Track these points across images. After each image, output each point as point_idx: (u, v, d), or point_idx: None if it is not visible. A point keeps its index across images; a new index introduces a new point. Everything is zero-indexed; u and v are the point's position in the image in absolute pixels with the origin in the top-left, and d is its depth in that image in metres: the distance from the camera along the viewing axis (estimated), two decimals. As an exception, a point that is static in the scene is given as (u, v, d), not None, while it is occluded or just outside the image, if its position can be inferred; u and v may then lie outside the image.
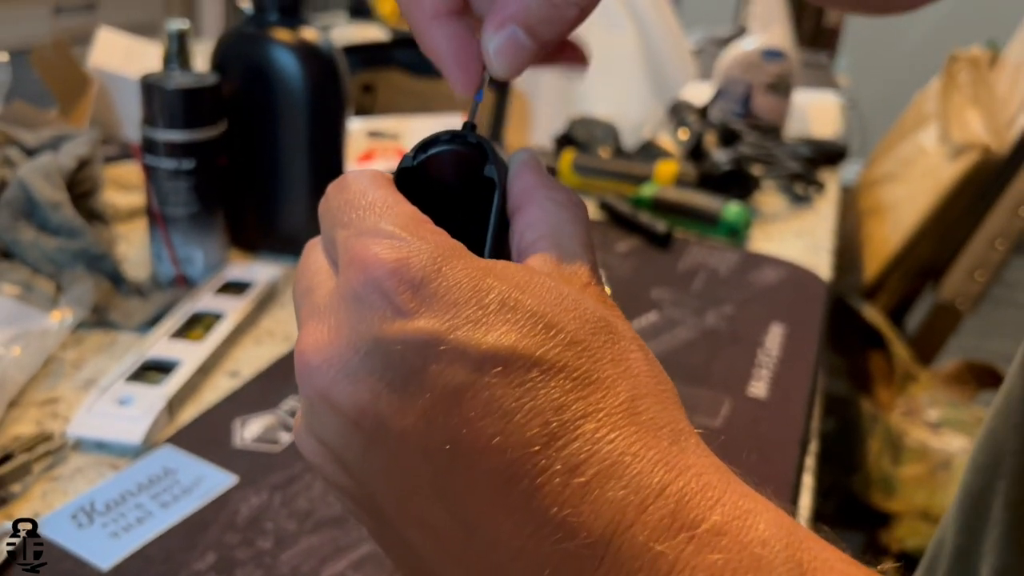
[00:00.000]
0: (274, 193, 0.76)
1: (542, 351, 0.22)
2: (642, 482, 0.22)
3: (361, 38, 1.14)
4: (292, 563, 0.44)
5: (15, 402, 0.55)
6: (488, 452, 0.22)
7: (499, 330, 0.22)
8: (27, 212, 0.65)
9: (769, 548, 0.22)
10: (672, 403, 0.25)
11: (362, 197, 0.26)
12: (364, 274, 0.23)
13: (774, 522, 0.23)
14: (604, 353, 0.23)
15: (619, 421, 0.22)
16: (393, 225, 0.24)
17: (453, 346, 0.22)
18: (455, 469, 0.22)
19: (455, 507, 0.22)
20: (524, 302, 0.23)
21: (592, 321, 0.24)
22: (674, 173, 0.98)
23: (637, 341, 0.25)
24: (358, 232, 0.25)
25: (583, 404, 0.22)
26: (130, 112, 0.97)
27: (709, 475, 0.23)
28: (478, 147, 0.28)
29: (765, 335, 0.70)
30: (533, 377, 0.22)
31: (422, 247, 0.23)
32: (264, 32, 0.72)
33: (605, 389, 0.23)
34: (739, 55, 1.23)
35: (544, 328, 0.23)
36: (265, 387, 0.59)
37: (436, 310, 0.22)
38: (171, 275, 0.70)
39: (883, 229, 1.42)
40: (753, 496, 0.24)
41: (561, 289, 0.24)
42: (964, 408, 1.17)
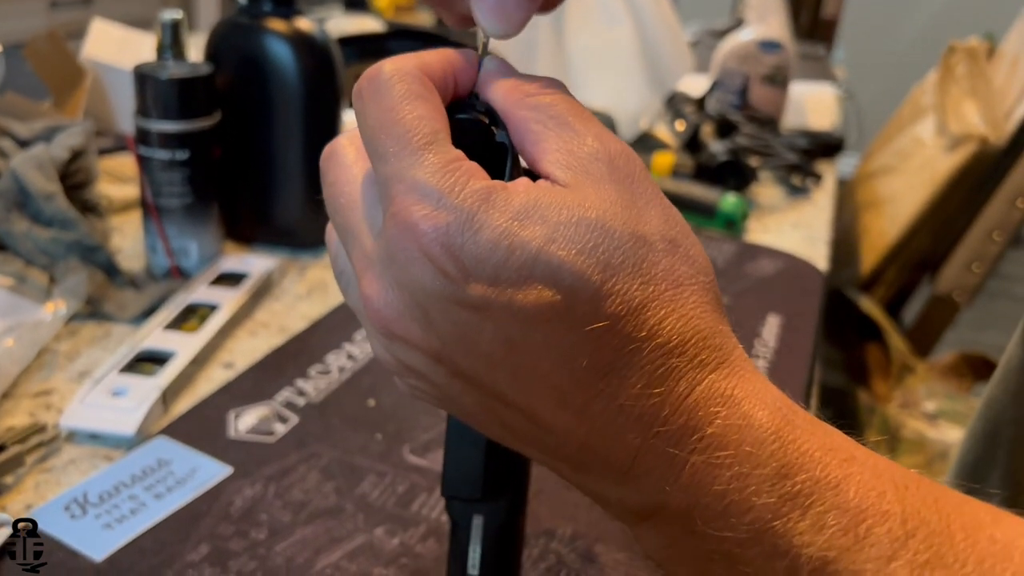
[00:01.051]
0: (269, 184, 0.76)
1: (573, 306, 0.24)
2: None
3: (356, 29, 1.13)
4: (286, 554, 0.44)
5: (8, 393, 0.55)
6: (542, 375, 0.25)
7: (536, 290, 0.24)
8: (20, 203, 0.64)
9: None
10: (700, 308, 0.25)
11: (402, 120, 0.26)
12: (409, 240, 0.25)
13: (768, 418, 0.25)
14: (629, 284, 0.24)
15: (645, 357, 0.24)
16: (431, 174, 0.25)
17: (499, 307, 0.24)
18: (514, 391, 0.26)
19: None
20: (553, 257, 0.24)
21: (616, 247, 0.25)
22: (671, 164, 0.98)
23: (665, 240, 0.25)
24: (398, 177, 0.25)
25: (622, 350, 0.24)
26: (124, 103, 0.97)
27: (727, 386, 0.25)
28: (487, 114, 0.28)
29: (762, 326, 0.70)
30: (573, 328, 0.24)
31: (461, 207, 0.24)
32: (258, 22, 0.72)
33: (641, 324, 0.24)
34: (736, 47, 1.23)
35: (572, 281, 0.24)
36: (259, 378, 0.58)
37: (480, 275, 0.24)
38: (165, 267, 0.70)
39: (880, 221, 1.42)
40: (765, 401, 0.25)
41: (586, 219, 0.25)
42: (961, 400, 1.17)
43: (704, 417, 0.24)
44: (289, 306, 0.69)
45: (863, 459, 0.24)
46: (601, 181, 0.26)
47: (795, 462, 0.23)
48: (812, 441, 0.24)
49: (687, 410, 0.24)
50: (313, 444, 0.52)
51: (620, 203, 0.25)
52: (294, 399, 0.56)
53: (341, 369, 0.60)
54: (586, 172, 0.26)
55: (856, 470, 0.23)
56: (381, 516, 0.47)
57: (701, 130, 1.06)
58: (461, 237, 0.24)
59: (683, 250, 0.26)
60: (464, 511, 0.33)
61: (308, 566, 0.43)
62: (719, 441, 0.24)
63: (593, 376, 0.24)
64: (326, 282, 0.74)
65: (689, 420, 0.24)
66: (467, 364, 0.26)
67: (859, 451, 0.24)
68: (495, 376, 0.26)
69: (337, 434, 0.53)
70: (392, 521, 0.46)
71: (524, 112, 0.27)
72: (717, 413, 0.24)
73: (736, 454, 0.24)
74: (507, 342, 0.25)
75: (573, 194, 0.25)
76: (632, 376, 0.24)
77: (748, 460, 0.24)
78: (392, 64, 0.27)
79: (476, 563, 0.33)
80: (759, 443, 0.24)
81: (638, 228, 0.25)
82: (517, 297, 0.24)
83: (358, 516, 0.47)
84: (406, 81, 0.27)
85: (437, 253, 0.24)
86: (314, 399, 0.56)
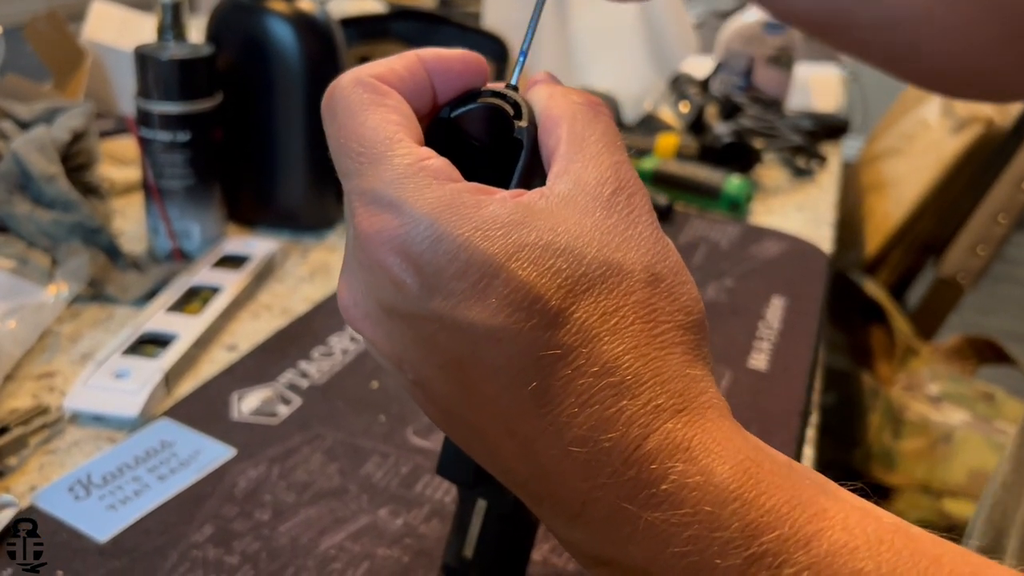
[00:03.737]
0: (271, 166, 0.75)
1: (526, 328, 0.23)
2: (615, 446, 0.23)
3: (358, 10, 1.12)
4: (290, 535, 0.44)
5: (11, 376, 0.55)
6: (489, 397, 0.24)
7: (484, 307, 0.23)
8: (22, 185, 0.64)
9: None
10: (667, 348, 0.24)
11: (356, 135, 0.26)
12: (368, 249, 0.24)
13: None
14: (590, 313, 0.23)
15: (593, 396, 0.23)
16: (388, 184, 0.24)
17: (451, 321, 0.23)
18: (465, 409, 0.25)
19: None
20: (512, 274, 0.23)
21: (582, 274, 0.23)
22: (675, 146, 0.97)
23: (646, 273, 0.24)
24: (358, 189, 0.25)
25: (572, 383, 0.23)
26: (125, 85, 0.96)
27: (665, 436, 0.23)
28: (515, 107, 0.28)
29: (766, 308, 0.70)
30: (524, 352, 0.23)
31: (420, 215, 0.24)
32: (260, 3, 0.71)
33: (595, 357, 0.23)
34: (741, 28, 1.22)
35: (529, 303, 0.23)
36: (262, 360, 0.58)
37: (437, 286, 0.23)
38: (168, 249, 0.70)
39: (885, 204, 1.42)
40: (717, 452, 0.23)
41: (555, 243, 0.24)
42: (965, 382, 1.17)
43: (658, 471, 0.22)
44: (292, 288, 0.69)
45: (834, 512, 0.22)
46: (593, 207, 0.25)
47: (760, 521, 0.21)
48: (779, 495, 0.22)
49: (639, 462, 0.22)
50: (316, 426, 0.52)
51: (604, 231, 0.24)
52: (297, 381, 0.56)
53: (344, 351, 0.60)
54: (583, 194, 0.25)
55: (827, 525, 0.21)
56: (385, 497, 0.47)
57: (705, 112, 1.05)
58: (420, 245, 0.23)
59: (665, 285, 0.24)
60: (468, 491, 0.33)
61: (312, 546, 0.43)
62: (675, 499, 0.22)
63: (539, 407, 0.23)
64: (328, 264, 0.74)
65: (641, 473, 0.22)
66: (424, 375, 0.25)
67: (831, 502, 0.22)
68: (448, 391, 0.25)
69: (340, 416, 0.53)
70: (396, 502, 0.46)
71: (559, 113, 0.27)
72: (672, 468, 0.22)
73: (695, 513, 0.22)
74: (458, 359, 0.24)
75: (552, 216, 0.24)
76: (580, 415, 0.23)
77: (708, 521, 0.22)
78: (342, 78, 0.27)
79: (472, 545, 0.33)
80: (719, 503, 0.22)
81: (615, 257, 0.24)
82: (471, 312, 0.23)
83: (362, 497, 0.47)
84: (356, 92, 0.26)
85: (394, 263, 0.24)
86: (317, 381, 0.56)
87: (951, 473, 1.02)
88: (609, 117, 0.27)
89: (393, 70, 0.27)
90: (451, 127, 0.28)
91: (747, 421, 0.55)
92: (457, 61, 0.28)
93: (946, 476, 1.02)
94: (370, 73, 0.27)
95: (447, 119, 0.28)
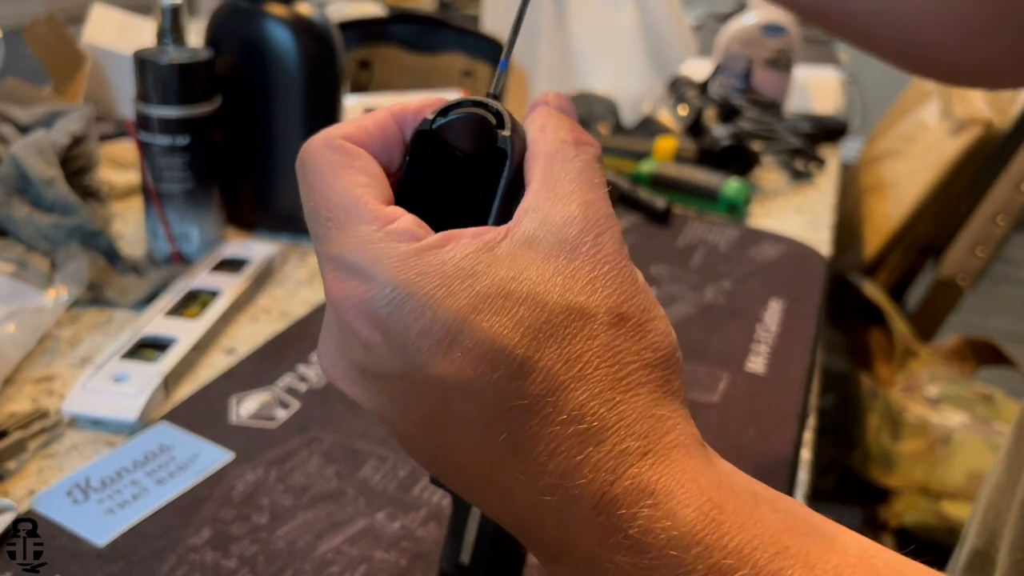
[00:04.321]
0: (270, 170, 0.75)
1: (493, 379, 0.23)
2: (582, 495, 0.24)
3: (357, 14, 1.12)
4: (288, 538, 0.44)
5: (10, 379, 0.55)
6: (464, 450, 0.25)
7: (451, 361, 0.23)
8: (21, 189, 0.64)
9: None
10: (633, 390, 0.24)
11: (324, 199, 0.26)
12: (338, 313, 0.25)
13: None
14: (554, 360, 0.24)
15: (561, 444, 0.23)
16: (353, 250, 0.25)
17: (421, 377, 0.24)
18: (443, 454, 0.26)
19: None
20: (476, 327, 0.23)
21: (545, 321, 0.24)
22: (673, 149, 0.97)
23: (610, 314, 0.24)
24: (327, 255, 0.26)
25: (540, 432, 0.23)
26: (124, 89, 0.96)
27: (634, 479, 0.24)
28: (497, 116, 0.28)
29: (764, 310, 0.70)
30: (493, 404, 0.24)
31: (385, 279, 0.24)
32: (259, 7, 0.71)
33: (561, 406, 0.23)
34: (739, 30, 1.22)
35: (494, 354, 0.23)
36: (261, 364, 0.58)
37: (404, 344, 0.24)
38: (167, 252, 0.70)
39: (884, 205, 1.42)
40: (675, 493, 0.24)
41: (517, 291, 0.24)
42: (964, 384, 1.17)
43: (626, 517, 0.23)
44: (291, 292, 0.69)
45: (795, 549, 0.22)
46: (557, 250, 0.25)
47: (723, 563, 0.22)
48: (741, 535, 0.23)
49: (607, 507, 0.23)
50: (314, 429, 0.52)
51: (567, 274, 0.24)
52: (295, 384, 0.56)
53: (342, 354, 0.60)
54: (548, 234, 0.25)
55: (787, 564, 0.22)
56: (382, 500, 0.47)
57: (704, 114, 1.05)
58: (386, 308, 0.24)
59: (632, 324, 0.25)
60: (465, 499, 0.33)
61: (310, 550, 0.43)
62: (642, 544, 0.23)
63: (511, 457, 0.24)
64: (327, 267, 0.74)
65: (609, 519, 0.23)
66: (402, 430, 0.26)
67: (793, 539, 0.23)
68: (426, 444, 0.26)
69: (338, 419, 0.53)
70: (393, 505, 0.47)
71: (542, 149, 0.27)
72: (638, 513, 0.23)
73: (660, 556, 0.22)
74: (431, 414, 0.24)
75: (514, 261, 0.24)
76: (549, 463, 0.23)
77: (674, 564, 0.22)
78: (313, 140, 0.27)
79: (469, 551, 0.33)
80: (683, 547, 0.22)
81: (578, 300, 0.24)
82: (439, 368, 0.23)
83: (359, 500, 0.47)
84: (325, 154, 0.27)
85: (363, 326, 0.24)
86: (315, 384, 0.57)
87: (950, 475, 1.02)
88: (591, 155, 0.27)
89: (363, 127, 0.28)
90: (435, 139, 0.28)
91: (745, 424, 0.56)
92: (427, 107, 0.28)
93: (945, 478, 1.02)
94: (339, 134, 0.27)
95: (430, 131, 0.28)
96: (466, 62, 1.02)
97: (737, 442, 0.53)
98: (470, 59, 1.02)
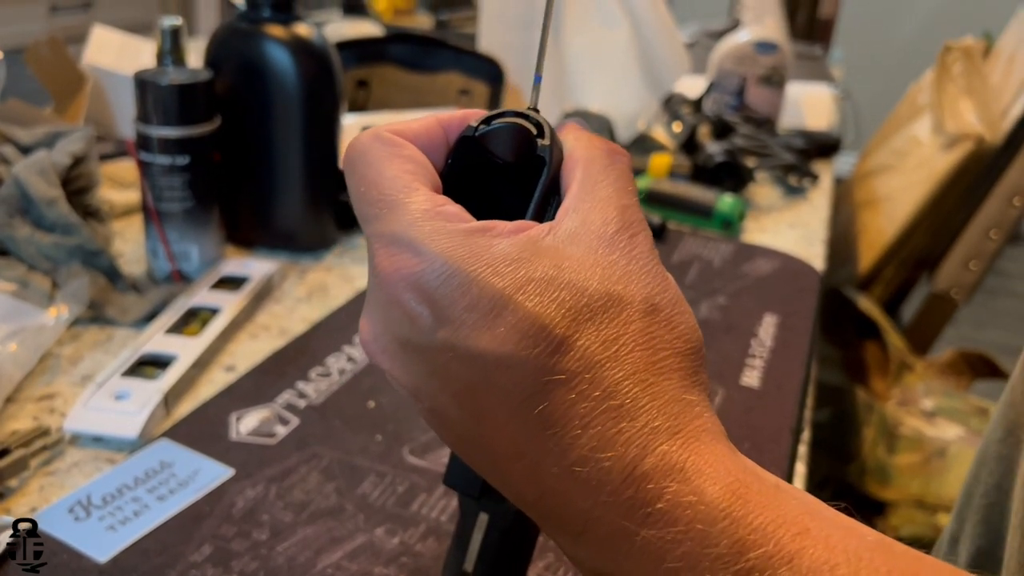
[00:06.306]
0: (269, 189, 0.76)
1: (533, 354, 0.24)
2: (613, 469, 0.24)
3: (355, 33, 1.14)
4: (288, 554, 0.44)
5: (12, 398, 0.55)
6: (500, 422, 0.26)
7: (494, 336, 0.25)
8: (22, 209, 0.65)
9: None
10: (665, 374, 0.25)
11: (375, 184, 0.28)
12: (386, 287, 0.26)
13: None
14: (592, 341, 0.25)
15: (595, 419, 0.24)
16: (405, 226, 0.26)
17: (463, 349, 0.25)
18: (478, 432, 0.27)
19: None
20: (520, 305, 0.25)
21: (585, 305, 0.25)
22: (668, 165, 0.98)
23: (645, 303, 0.26)
24: (378, 233, 0.27)
25: (576, 406, 0.24)
26: (125, 109, 0.97)
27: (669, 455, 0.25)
28: (538, 127, 0.29)
29: (759, 325, 0.71)
30: (531, 377, 0.25)
31: (434, 253, 0.25)
32: (257, 28, 0.72)
33: (597, 382, 0.24)
34: (733, 48, 1.24)
35: (535, 332, 0.24)
36: (261, 381, 0.59)
37: (449, 317, 0.25)
38: (167, 271, 0.71)
39: (878, 220, 1.43)
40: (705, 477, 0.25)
41: (559, 277, 0.25)
42: (959, 397, 1.17)
43: (654, 491, 0.24)
44: (290, 309, 0.70)
45: (816, 531, 0.23)
46: (596, 244, 0.26)
47: (747, 539, 0.23)
48: (765, 515, 0.23)
49: (636, 481, 0.24)
50: (314, 445, 0.53)
51: (606, 265, 0.26)
52: (295, 401, 0.57)
53: (341, 371, 0.60)
54: (588, 232, 0.27)
55: (809, 543, 0.23)
56: (381, 516, 0.47)
57: (698, 131, 1.06)
58: (435, 281, 0.25)
59: (664, 315, 0.26)
60: (471, 505, 0.34)
61: (309, 566, 0.44)
62: (669, 517, 0.23)
63: (545, 429, 0.25)
64: (326, 285, 0.74)
65: (638, 492, 0.24)
66: (438, 404, 0.27)
67: (814, 521, 0.24)
68: (461, 417, 0.26)
69: (337, 435, 0.54)
70: (392, 521, 0.47)
71: (579, 156, 0.29)
72: (667, 488, 0.24)
73: (687, 531, 0.23)
74: (470, 387, 0.25)
75: (557, 252, 0.26)
76: (582, 436, 0.24)
77: (699, 538, 0.23)
78: (362, 135, 0.29)
79: (473, 559, 0.34)
80: (710, 521, 0.23)
81: (616, 289, 0.25)
82: (481, 341, 0.25)
83: (359, 516, 0.47)
84: (374, 146, 0.28)
85: (410, 298, 0.26)
86: (315, 401, 0.57)
87: (945, 488, 1.02)
88: (625, 164, 0.29)
89: (409, 127, 0.30)
90: (477, 145, 0.29)
91: (740, 438, 0.56)
92: (472, 116, 0.30)
93: (940, 491, 1.02)
94: (387, 129, 0.29)
95: (473, 137, 0.29)
96: (463, 81, 1.03)
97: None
98: (467, 78, 1.03)
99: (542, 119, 0.29)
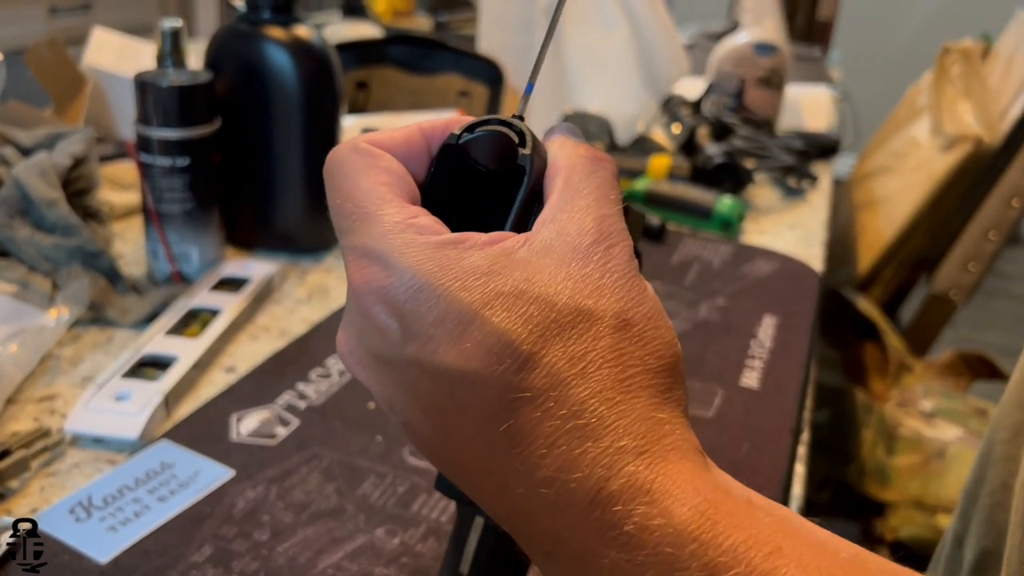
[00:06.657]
0: (269, 190, 0.76)
1: (498, 371, 0.24)
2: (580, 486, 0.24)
3: (355, 35, 1.14)
4: (288, 555, 0.44)
5: (12, 399, 0.55)
6: (467, 439, 0.25)
7: (460, 352, 0.24)
8: (23, 210, 0.65)
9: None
10: (633, 392, 0.25)
11: (351, 196, 0.28)
12: (357, 299, 0.26)
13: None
14: (559, 357, 0.24)
15: (560, 438, 0.24)
16: (377, 239, 0.26)
17: (430, 365, 0.25)
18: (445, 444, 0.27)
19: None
20: (487, 321, 0.24)
21: (553, 320, 0.25)
22: (667, 167, 0.98)
23: (616, 319, 0.25)
24: (351, 245, 0.27)
25: (541, 425, 0.24)
26: (125, 110, 0.97)
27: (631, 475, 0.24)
28: (520, 135, 0.29)
29: (758, 326, 0.71)
30: (497, 395, 0.25)
31: (404, 266, 0.25)
32: (257, 30, 0.72)
33: (563, 400, 0.24)
34: (732, 49, 1.24)
35: (501, 348, 0.24)
36: (261, 382, 0.59)
37: (417, 332, 0.25)
38: (167, 272, 0.71)
39: (877, 221, 1.43)
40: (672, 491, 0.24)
41: (529, 291, 0.25)
42: (958, 398, 1.18)
43: (621, 513, 0.23)
44: (290, 310, 0.70)
45: (789, 550, 0.23)
46: (570, 257, 0.26)
47: (718, 560, 0.22)
48: (736, 535, 0.23)
49: (602, 503, 0.23)
50: (314, 446, 0.53)
51: (578, 279, 0.25)
52: (295, 402, 0.57)
53: (341, 372, 0.60)
54: (563, 243, 0.26)
55: (781, 563, 0.23)
56: (382, 516, 0.47)
57: (697, 133, 1.06)
58: (404, 294, 0.25)
59: (637, 330, 0.25)
60: (467, 508, 0.34)
61: (310, 566, 0.44)
62: (637, 540, 0.23)
63: (511, 448, 0.24)
64: (326, 286, 0.74)
65: (604, 515, 0.23)
66: (411, 419, 0.27)
67: (787, 540, 0.23)
68: (432, 433, 0.26)
69: (338, 436, 0.54)
70: (392, 521, 0.47)
71: (561, 164, 0.28)
72: (634, 510, 0.23)
73: (656, 554, 0.23)
74: (437, 403, 0.25)
75: (528, 265, 0.25)
76: (547, 456, 0.24)
77: (668, 561, 0.23)
78: (340, 146, 0.29)
79: (469, 562, 0.34)
80: (679, 544, 0.23)
81: (587, 304, 0.25)
82: (448, 357, 0.24)
83: (359, 517, 0.47)
84: (352, 158, 0.28)
85: (380, 311, 0.26)
86: (315, 402, 0.57)
87: (944, 489, 1.02)
88: (609, 172, 0.29)
89: (390, 136, 0.29)
90: (460, 153, 0.29)
91: (739, 439, 0.56)
92: (455, 124, 0.30)
93: (940, 492, 1.03)
94: (366, 140, 0.29)
95: (456, 145, 0.29)
96: (462, 82, 1.04)
97: (732, 457, 0.54)
98: (466, 80, 1.03)
99: (525, 127, 0.29)
